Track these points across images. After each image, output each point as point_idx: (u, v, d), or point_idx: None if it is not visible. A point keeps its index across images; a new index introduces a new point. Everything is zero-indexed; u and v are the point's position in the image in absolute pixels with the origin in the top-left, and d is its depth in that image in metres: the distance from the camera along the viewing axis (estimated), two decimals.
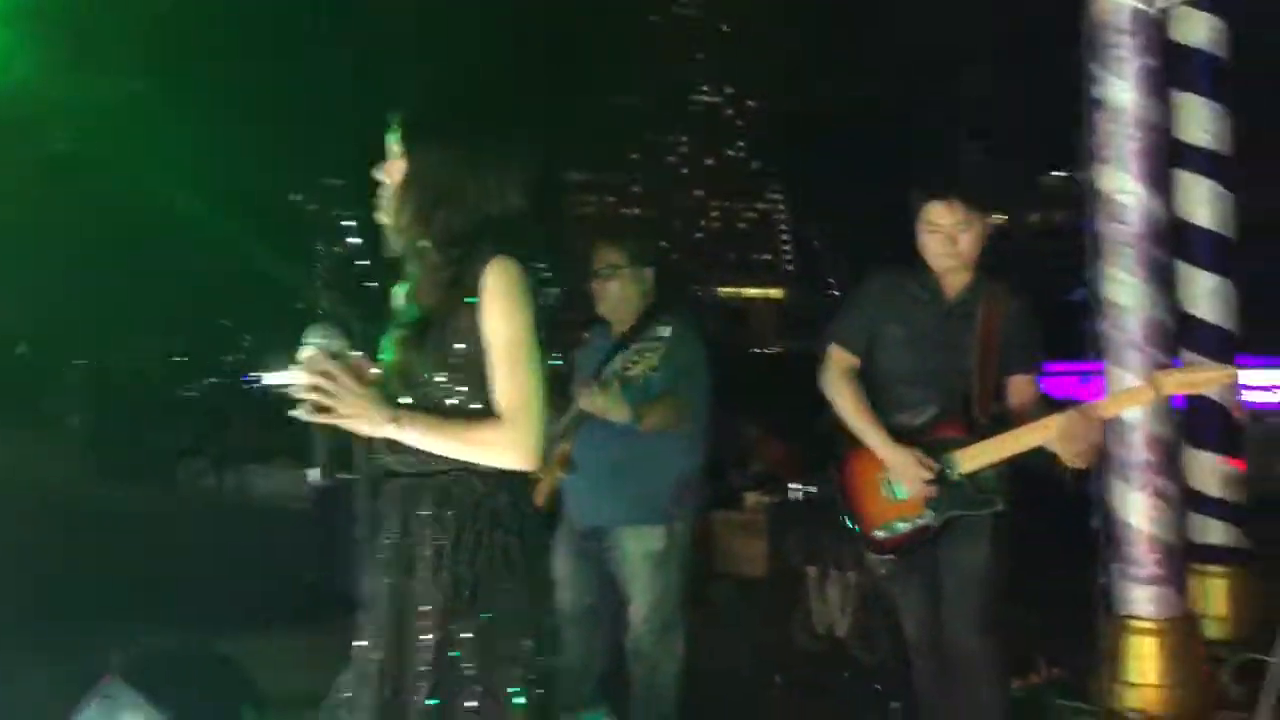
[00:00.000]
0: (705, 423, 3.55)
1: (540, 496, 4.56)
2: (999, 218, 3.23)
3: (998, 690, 3.15)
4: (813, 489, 4.99)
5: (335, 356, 2.12)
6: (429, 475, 2.17)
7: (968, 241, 3.08)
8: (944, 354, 3.14)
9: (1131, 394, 3.09)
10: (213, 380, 23.21)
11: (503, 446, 2.11)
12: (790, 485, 5.53)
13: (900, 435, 3.09)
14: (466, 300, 2.11)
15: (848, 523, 3.22)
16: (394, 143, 2.22)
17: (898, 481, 3.06)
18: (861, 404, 3.12)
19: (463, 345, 2.14)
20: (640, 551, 3.41)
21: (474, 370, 2.14)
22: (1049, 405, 3.23)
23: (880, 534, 3.13)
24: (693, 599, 3.60)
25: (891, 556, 3.14)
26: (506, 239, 2.16)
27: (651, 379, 2.93)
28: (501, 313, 2.10)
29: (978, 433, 3.06)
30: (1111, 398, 3.13)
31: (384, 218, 2.23)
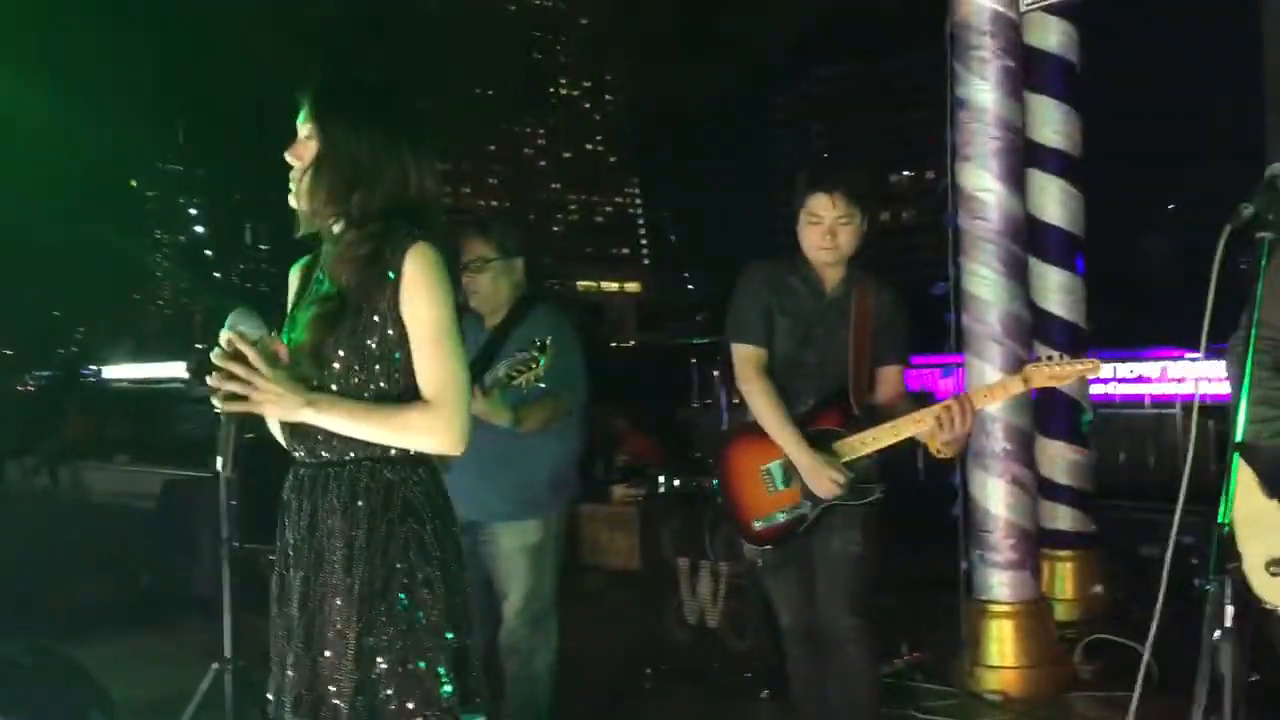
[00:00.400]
0: (580, 416, 3.52)
1: None
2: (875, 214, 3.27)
3: (870, 674, 3.20)
4: (680, 481, 5.01)
5: (253, 344, 2.03)
6: (338, 465, 2.11)
7: (847, 236, 3.11)
8: (823, 346, 3.17)
9: (1004, 386, 3.16)
10: (45, 374, 22.05)
11: (429, 431, 2.06)
12: (659, 478, 5.55)
13: None
14: (387, 279, 2.07)
15: (727, 516, 3.22)
16: (303, 123, 2.15)
17: (808, 482, 3.06)
18: (778, 406, 3.10)
19: (380, 324, 2.08)
20: (516, 545, 3.35)
21: (388, 352, 2.09)
22: (914, 396, 3.31)
23: (759, 525, 3.15)
24: (565, 592, 3.56)
25: (769, 547, 3.16)
26: (422, 221, 2.12)
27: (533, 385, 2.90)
28: (424, 297, 2.06)
29: (855, 424, 3.11)
30: (985, 389, 3.20)
31: (294, 200, 2.15)
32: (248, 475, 2.66)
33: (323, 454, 2.12)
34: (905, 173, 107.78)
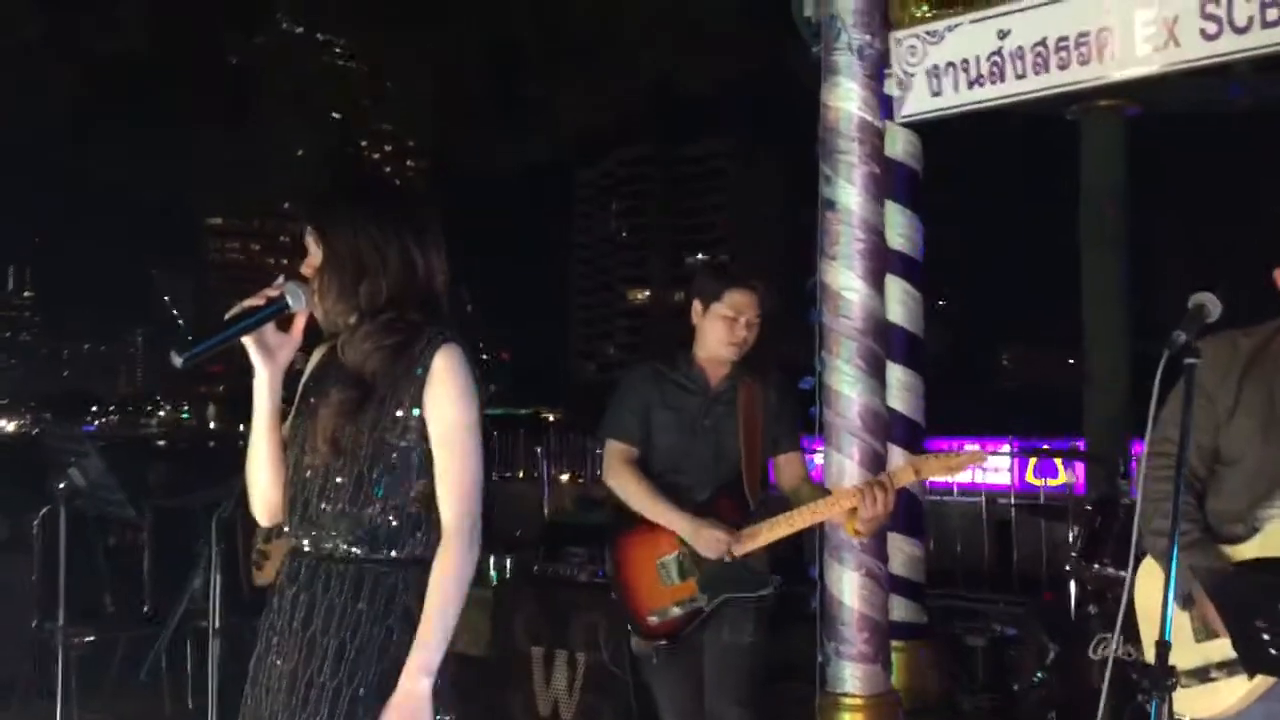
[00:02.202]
0: None
1: (269, 573, 4.20)
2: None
3: None
4: (538, 565, 4.89)
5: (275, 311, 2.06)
6: (343, 561, 2.04)
7: (754, 336, 3.16)
8: (712, 439, 3.19)
9: (903, 472, 3.21)
10: None
11: (469, 556, 2.04)
12: (505, 561, 5.41)
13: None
14: (415, 374, 2.04)
15: (621, 609, 3.15)
16: (308, 236, 2.14)
17: (694, 545, 3.03)
18: (649, 488, 3.10)
19: (403, 419, 2.05)
20: None
21: (408, 447, 2.05)
22: (812, 483, 3.34)
23: (653, 619, 3.09)
24: None
25: (663, 642, 3.11)
26: (438, 309, 2.12)
27: None
28: (451, 396, 2.05)
29: (750, 516, 3.11)
30: (894, 472, 3.25)
31: (315, 307, 2.13)
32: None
33: (326, 547, 2.05)
34: (700, 255, 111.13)
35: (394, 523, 2.05)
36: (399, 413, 2.05)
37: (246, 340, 2.04)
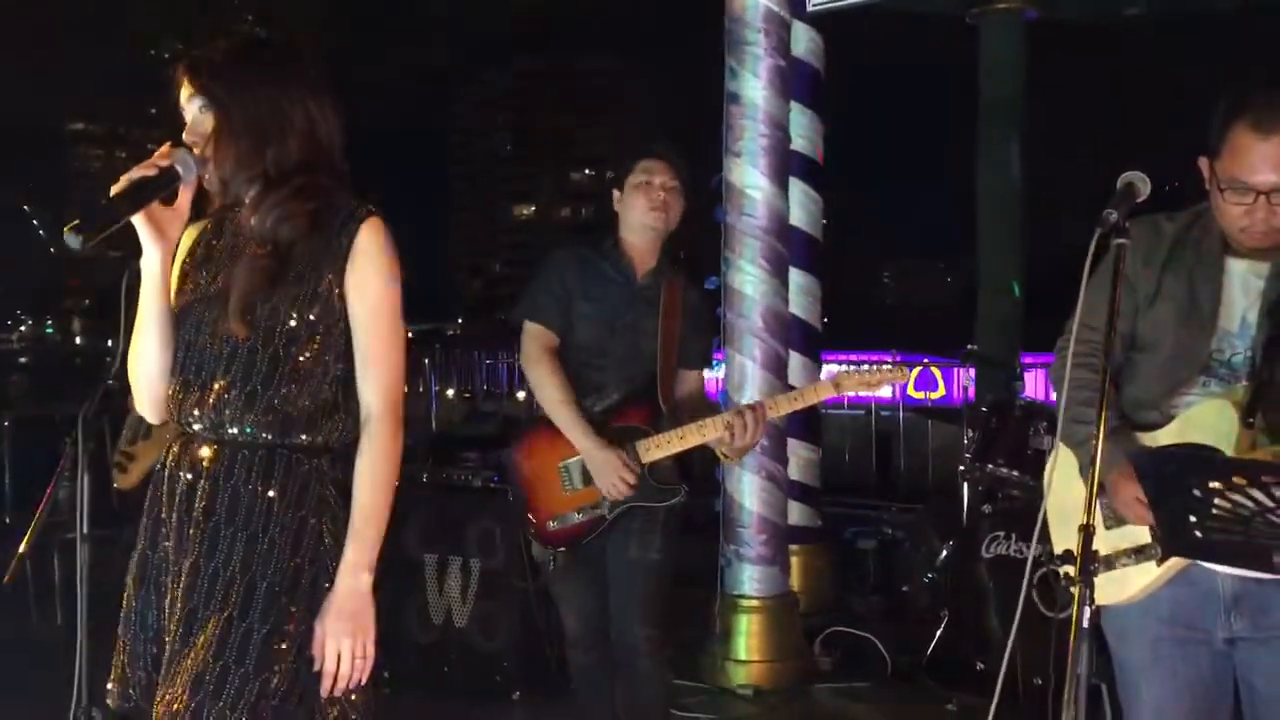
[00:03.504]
0: None
1: (135, 477, 3.95)
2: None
3: (661, 685, 3.09)
4: (428, 473, 4.72)
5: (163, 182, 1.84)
6: (249, 447, 1.87)
7: (676, 207, 3.01)
8: (631, 337, 3.02)
9: (815, 390, 3.10)
10: None
11: (394, 437, 1.92)
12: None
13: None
14: (338, 248, 1.89)
15: (519, 513, 3.01)
16: (188, 100, 1.92)
17: (594, 475, 2.90)
18: (565, 393, 2.91)
19: (324, 295, 1.89)
20: None
21: (331, 325, 1.90)
22: (710, 404, 3.23)
23: (553, 525, 2.95)
24: None
25: (563, 549, 2.98)
26: (343, 174, 1.96)
27: None
28: (377, 276, 1.90)
29: (660, 422, 2.99)
30: (796, 394, 3.14)
31: (207, 176, 1.92)
32: None
33: (230, 431, 1.87)
34: (587, 171, 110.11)
35: (309, 406, 1.89)
36: (319, 287, 1.88)
37: (136, 219, 1.83)
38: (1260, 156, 2.10)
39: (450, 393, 15.70)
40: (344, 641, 1.85)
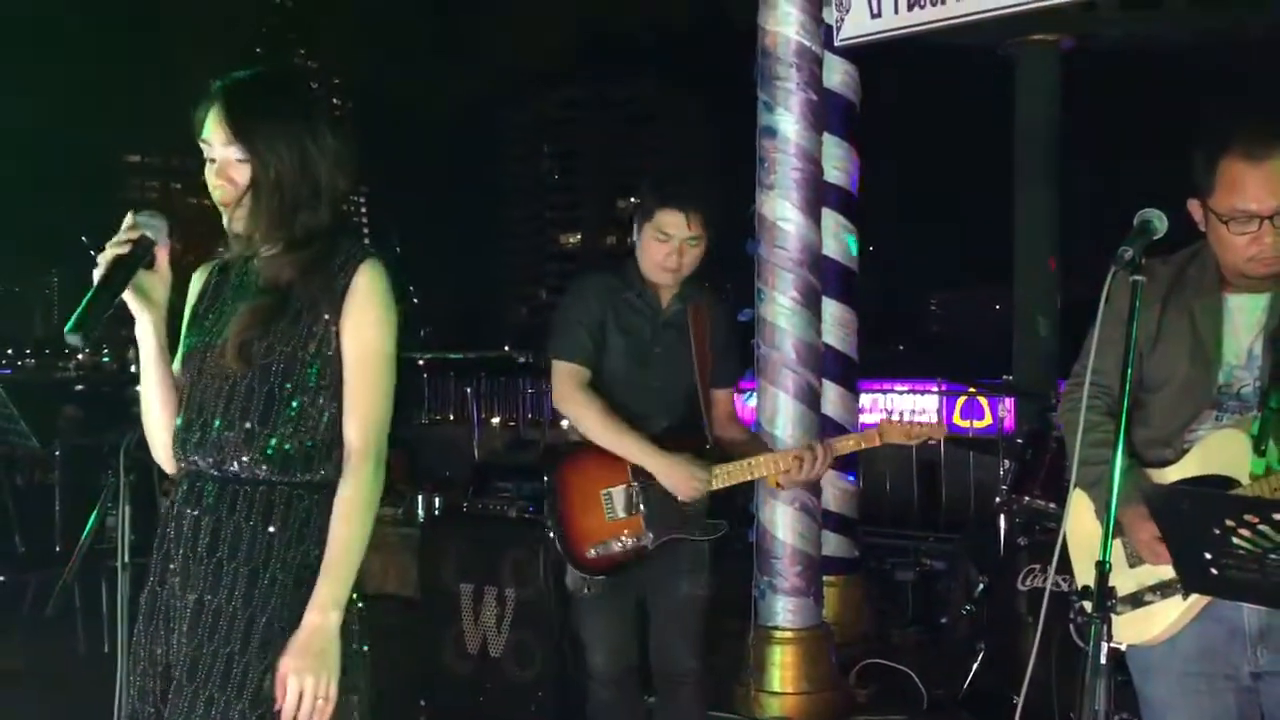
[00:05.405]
0: None
1: None
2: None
3: (701, 713, 3.13)
4: (467, 502, 4.77)
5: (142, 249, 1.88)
6: (250, 483, 1.91)
7: (693, 257, 3.00)
8: (665, 368, 3.03)
9: (862, 437, 3.15)
10: None
11: (375, 482, 1.93)
12: (434, 499, 5.30)
13: None
14: (335, 289, 1.92)
15: (557, 541, 3.03)
16: (224, 142, 1.92)
17: (664, 481, 2.92)
18: (614, 418, 2.93)
19: (318, 334, 1.92)
20: None
21: (324, 364, 1.93)
22: (741, 424, 3.26)
23: (593, 553, 2.97)
24: None
25: (601, 577, 3.00)
26: (343, 212, 2.01)
27: None
28: (370, 319, 1.93)
29: (709, 452, 2.99)
30: (845, 440, 3.17)
31: (237, 227, 1.95)
32: None
33: (231, 469, 1.91)
34: (633, 200, 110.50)
35: (307, 444, 1.93)
36: (315, 327, 1.92)
37: (125, 295, 1.89)
38: (1256, 183, 2.13)
39: (495, 421, 15.79)
40: (306, 679, 1.83)
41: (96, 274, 1.84)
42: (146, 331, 1.95)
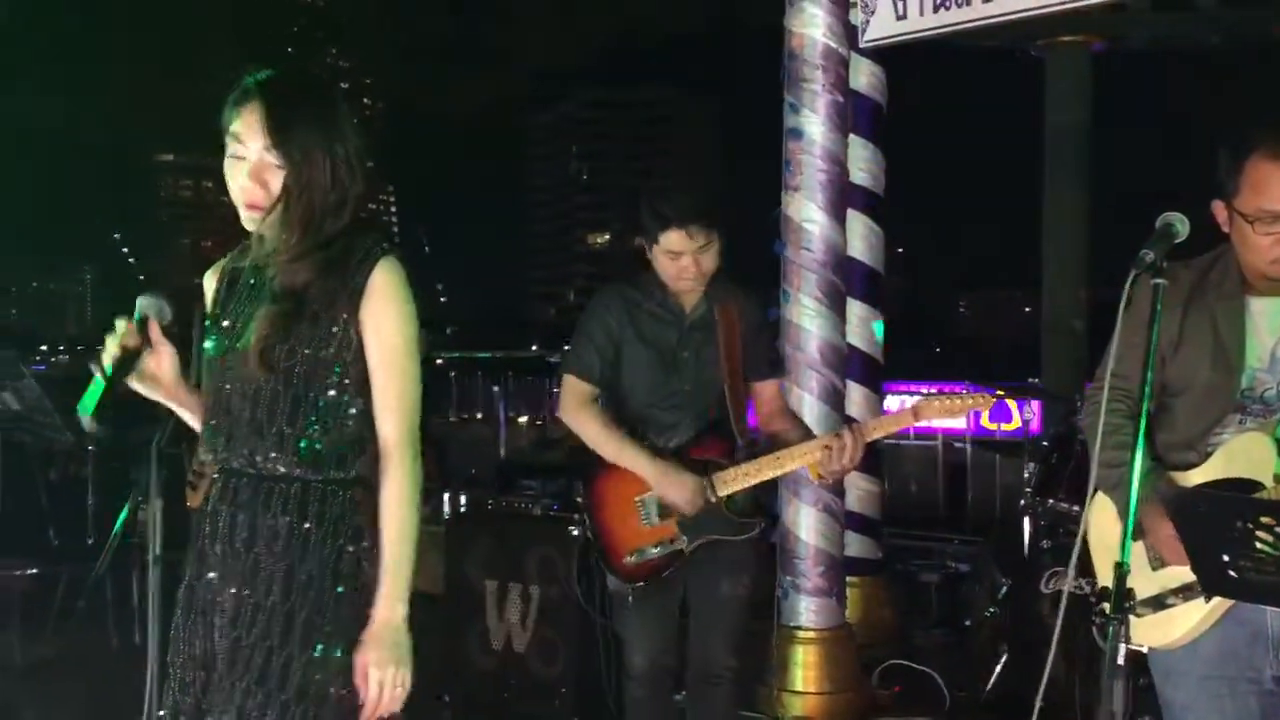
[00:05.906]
0: None
1: (199, 497, 4.09)
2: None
3: (736, 710, 3.18)
4: (492, 500, 4.82)
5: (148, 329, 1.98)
6: (285, 480, 1.95)
7: (709, 260, 3.00)
8: (692, 370, 3.03)
9: (895, 419, 3.11)
10: None
11: (414, 477, 1.98)
12: (460, 496, 5.35)
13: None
14: (353, 288, 1.94)
15: (597, 550, 3.04)
16: (265, 148, 1.92)
17: (665, 502, 2.94)
18: (609, 429, 2.95)
19: (338, 335, 1.95)
20: None
21: (346, 363, 1.96)
22: (792, 414, 3.24)
23: (631, 560, 2.97)
24: None
25: (641, 584, 3.02)
26: (368, 223, 2.02)
27: None
28: (391, 314, 1.96)
29: (737, 453, 3.01)
30: (876, 422, 3.15)
31: (265, 231, 1.97)
32: None
33: (266, 466, 1.95)
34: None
35: (337, 443, 1.96)
36: (334, 328, 1.94)
37: (132, 383, 1.98)
38: None
39: (523, 419, 15.85)
40: (386, 670, 1.91)
41: (105, 360, 1.94)
42: (159, 397, 2.04)
